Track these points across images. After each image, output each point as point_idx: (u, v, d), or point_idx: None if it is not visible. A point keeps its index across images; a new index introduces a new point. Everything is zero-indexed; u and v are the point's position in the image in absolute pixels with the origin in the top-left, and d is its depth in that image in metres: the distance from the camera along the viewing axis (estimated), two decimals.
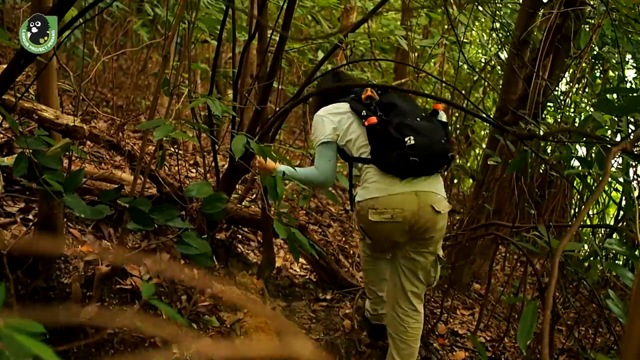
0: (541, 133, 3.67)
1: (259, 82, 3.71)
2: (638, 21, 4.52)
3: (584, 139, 3.02)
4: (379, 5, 3.72)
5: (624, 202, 4.93)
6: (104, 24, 7.25)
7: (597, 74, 6.57)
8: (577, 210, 6.25)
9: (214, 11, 5.02)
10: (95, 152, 4.89)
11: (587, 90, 6.48)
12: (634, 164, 4.14)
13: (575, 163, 4.44)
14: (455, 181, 7.99)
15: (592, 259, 3.64)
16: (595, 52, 5.72)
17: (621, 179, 3.11)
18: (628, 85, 6.02)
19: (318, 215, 6.12)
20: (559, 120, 5.64)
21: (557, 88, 5.76)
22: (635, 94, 2.64)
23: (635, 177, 4.78)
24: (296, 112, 8.66)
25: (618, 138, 4.37)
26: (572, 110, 5.98)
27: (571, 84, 5.97)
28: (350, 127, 3.52)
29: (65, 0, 2.06)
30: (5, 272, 2.71)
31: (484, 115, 2.80)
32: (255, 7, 4.07)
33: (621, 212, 5.02)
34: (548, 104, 5.66)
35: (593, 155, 3.18)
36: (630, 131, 3.05)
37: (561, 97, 5.97)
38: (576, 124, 5.63)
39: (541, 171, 5.61)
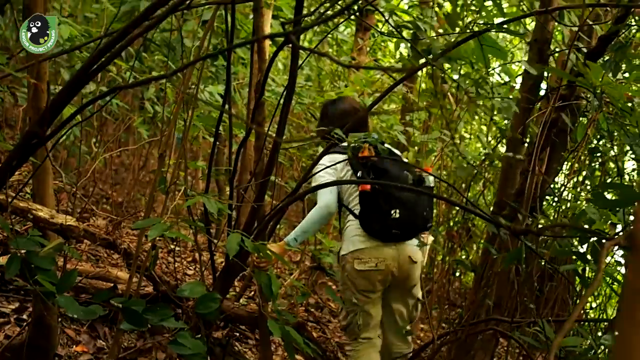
0: (539, 226, 3.67)
1: (256, 179, 3.73)
2: (632, 114, 4.56)
3: (579, 233, 3.02)
4: (375, 102, 3.74)
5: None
6: (105, 121, 7.35)
7: (596, 166, 6.59)
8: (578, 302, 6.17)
9: (213, 107, 5.09)
10: (92, 250, 4.87)
11: (586, 182, 6.49)
12: None
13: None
14: (457, 274, 7.95)
15: (592, 352, 3.59)
16: (592, 145, 5.76)
17: (617, 274, 3.09)
18: (626, 177, 6.04)
19: (317, 312, 6.05)
20: (557, 213, 5.65)
21: (555, 181, 5.77)
22: (629, 189, 2.65)
23: None
24: (297, 206, 8.68)
25: (619, 228, 4.36)
26: (569, 203, 5.98)
27: (568, 177, 5.98)
28: (345, 176, 3.80)
29: (60, 100, 2.08)
30: None
31: (479, 211, 2.82)
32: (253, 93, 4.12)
33: None
34: (547, 197, 5.67)
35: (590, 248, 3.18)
36: (626, 224, 3.05)
37: (560, 190, 5.97)
38: (575, 217, 5.62)
39: (542, 263, 5.56)
